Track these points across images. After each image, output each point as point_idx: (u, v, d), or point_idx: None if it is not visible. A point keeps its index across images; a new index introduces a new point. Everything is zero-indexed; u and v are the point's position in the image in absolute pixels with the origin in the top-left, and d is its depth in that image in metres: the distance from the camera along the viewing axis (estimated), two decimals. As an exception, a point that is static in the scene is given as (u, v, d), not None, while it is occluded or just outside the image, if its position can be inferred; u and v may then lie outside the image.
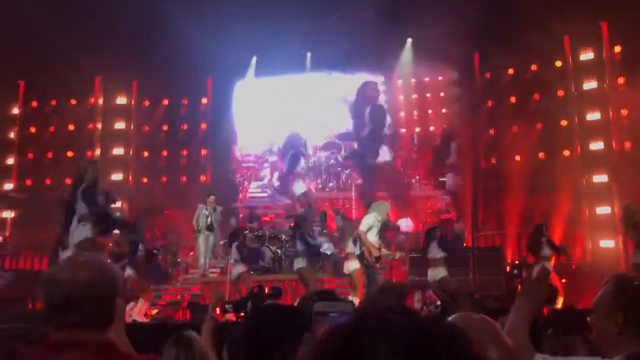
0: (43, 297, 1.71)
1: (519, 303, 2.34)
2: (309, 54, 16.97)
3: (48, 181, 16.51)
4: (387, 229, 10.76)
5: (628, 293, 2.08)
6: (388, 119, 16.88)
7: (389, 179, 15.47)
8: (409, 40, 16.21)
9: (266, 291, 7.21)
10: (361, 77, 17.38)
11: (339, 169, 16.52)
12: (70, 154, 16.68)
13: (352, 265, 9.41)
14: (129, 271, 9.92)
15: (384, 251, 9.54)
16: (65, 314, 1.67)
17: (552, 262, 10.29)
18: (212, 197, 12.72)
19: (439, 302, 8.65)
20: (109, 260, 1.87)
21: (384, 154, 16.13)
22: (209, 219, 12.49)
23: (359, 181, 16.00)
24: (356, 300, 8.26)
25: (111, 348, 1.71)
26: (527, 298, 2.36)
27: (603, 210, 13.66)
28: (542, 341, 3.23)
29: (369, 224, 9.18)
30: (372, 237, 9.16)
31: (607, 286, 2.17)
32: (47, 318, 1.71)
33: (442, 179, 15.73)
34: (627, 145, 13.78)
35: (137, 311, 9.89)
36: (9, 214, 16.26)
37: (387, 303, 3.48)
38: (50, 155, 16.98)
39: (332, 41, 15.00)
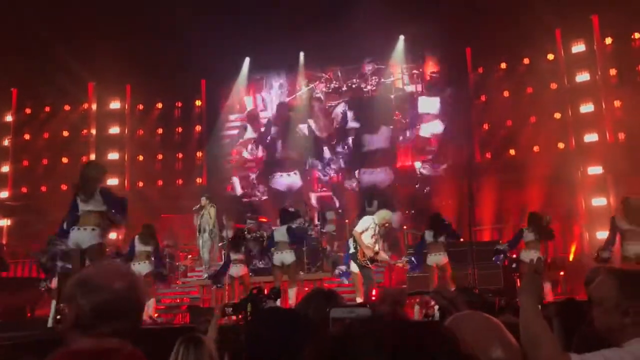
0: (77, 303, 1.67)
1: (522, 299, 2.31)
2: (302, 53, 16.99)
3: (44, 188, 16.53)
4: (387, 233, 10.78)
5: (633, 285, 2.12)
6: None
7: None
8: (401, 37, 16.23)
9: (265, 292, 7.19)
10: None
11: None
12: (65, 160, 16.68)
13: (353, 267, 9.48)
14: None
15: (382, 255, 9.55)
16: (97, 321, 1.65)
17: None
18: (202, 199, 12.80)
19: (437, 308, 8.62)
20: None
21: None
22: (199, 221, 12.62)
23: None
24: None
25: (138, 357, 1.69)
26: (527, 291, 2.34)
27: (599, 201, 13.72)
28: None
29: (365, 226, 9.27)
30: (367, 239, 9.23)
31: (607, 280, 2.18)
32: (76, 324, 1.67)
33: None
34: (621, 136, 13.85)
35: (150, 310, 9.65)
36: (5, 222, 16.22)
37: (383, 310, 3.51)
38: (45, 161, 17.00)
39: (324, 40, 15.00)
